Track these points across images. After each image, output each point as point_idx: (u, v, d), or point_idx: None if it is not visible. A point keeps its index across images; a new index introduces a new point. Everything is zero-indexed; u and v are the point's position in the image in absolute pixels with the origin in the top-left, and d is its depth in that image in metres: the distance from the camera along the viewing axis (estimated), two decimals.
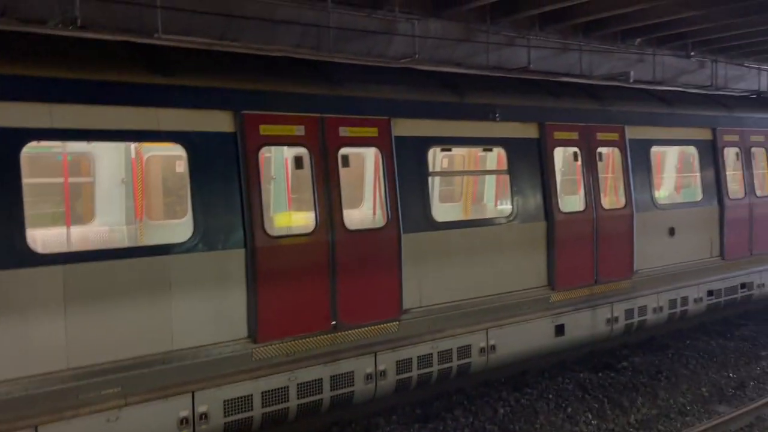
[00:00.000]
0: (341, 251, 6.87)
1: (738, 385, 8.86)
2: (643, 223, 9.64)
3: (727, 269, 11.01)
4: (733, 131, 11.15)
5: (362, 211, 8.76)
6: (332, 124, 6.92)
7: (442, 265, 7.61)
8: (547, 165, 8.64)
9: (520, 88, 9.05)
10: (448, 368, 7.71)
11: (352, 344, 6.97)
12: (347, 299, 6.92)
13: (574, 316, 8.93)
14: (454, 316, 7.70)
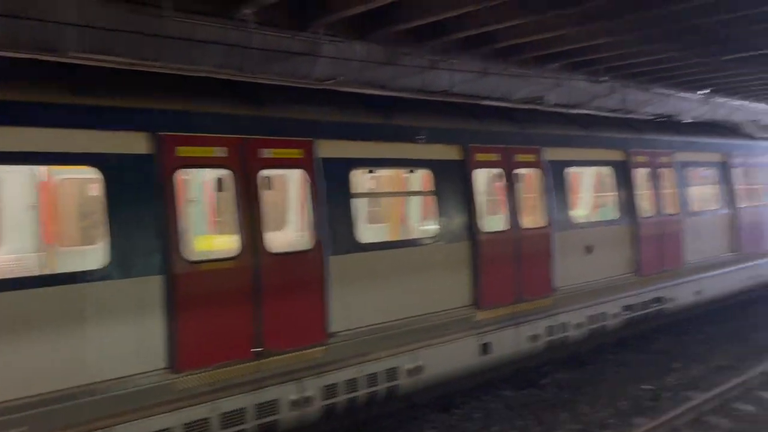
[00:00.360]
0: (265, 275, 6.72)
1: (653, 397, 9.18)
2: (562, 242, 9.87)
3: (641, 285, 11.37)
4: (644, 153, 11.62)
5: (287, 233, 8.63)
6: (255, 146, 6.80)
7: (368, 286, 7.57)
8: (471, 186, 8.73)
9: (444, 110, 9.16)
10: (375, 392, 7.63)
11: (276, 371, 6.80)
12: (272, 324, 6.76)
13: (498, 335, 9.00)
14: (381, 338, 7.65)
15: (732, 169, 13.64)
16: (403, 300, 7.89)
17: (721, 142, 13.70)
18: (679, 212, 12.11)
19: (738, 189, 13.68)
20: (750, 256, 13.99)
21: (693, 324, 12.98)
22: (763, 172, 14.65)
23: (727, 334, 12.35)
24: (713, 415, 8.43)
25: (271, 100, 7.26)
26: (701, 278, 12.70)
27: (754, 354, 11.16)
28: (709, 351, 11.31)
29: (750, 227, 13.93)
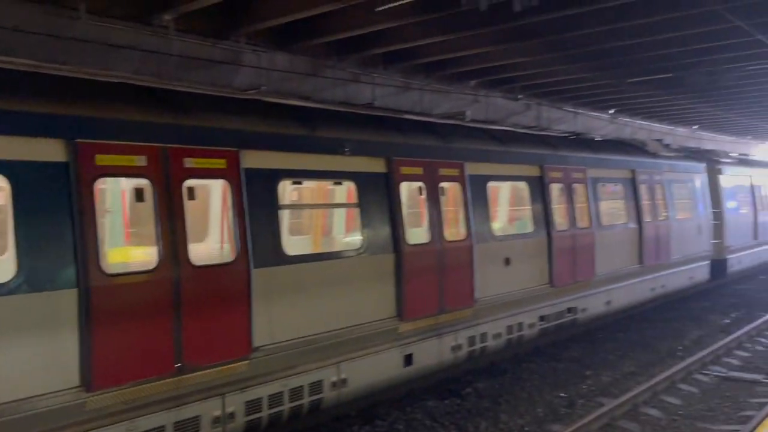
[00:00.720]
0: (187, 288, 6.52)
1: (568, 404, 9.51)
2: (483, 254, 10.04)
3: (555, 295, 11.73)
4: (558, 168, 12.05)
5: (210, 245, 8.41)
6: (177, 155, 6.61)
7: (293, 299, 7.48)
8: (395, 199, 8.78)
9: (369, 123, 9.19)
10: (299, 405, 7.53)
11: (198, 387, 6.59)
12: (193, 339, 6.56)
13: (421, 346, 9.07)
14: (305, 351, 7.57)
15: (638, 185, 14.35)
16: (328, 312, 7.83)
17: (628, 159, 14.40)
18: (591, 226, 12.62)
19: (643, 204, 14.41)
20: (653, 269, 14.78)
21: (604, 332, 13.57)
22: (665, 188, 15.51)
23: (635, 342, 12.97)
24: (624, 419, 8.81)
25: (195, 109, 7.08)
26: (611, 289, 13.31)
27: (659, 360, 11.79)
28: (618, 358, 11.84)
29: (652, 241, 14.70)
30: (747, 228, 20.53)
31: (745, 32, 12.80)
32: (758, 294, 18.54)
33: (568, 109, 23.07)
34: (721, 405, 9.53)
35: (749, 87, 20.46)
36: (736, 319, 15.34)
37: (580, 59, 16.44)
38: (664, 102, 23.53)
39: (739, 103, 24.63)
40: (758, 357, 12.04)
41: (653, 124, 29.44)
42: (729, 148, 35.73)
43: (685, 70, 17.13)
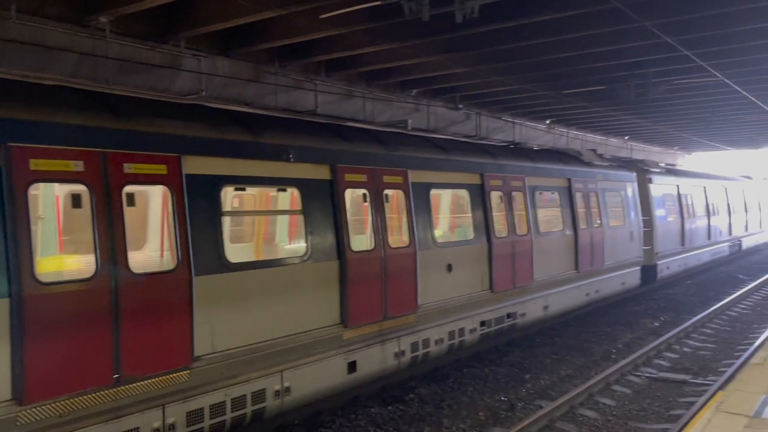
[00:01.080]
0: (126, 297, 6.36)
1: (509, 407, 9.71)
2: (425, 261, 10.13)
3: (496, 301, 11.90)
4: (498, 176, 12.30)
5: (150, 253, 8.21)
6: (116, 160, 6.45)
7: (236, 307, 7.38)
8: (339, 205, 8.79)
9: (313, 130, 9.15)
10: (242, 415, 7.44)
11: (137, 398, 6.43)
12: (132, 349, 6.39)
13: (365, 352, 9.07)
14: (248, 360, 7.48)
15: (574, 194, 14.80)
16: (271, 320, 7.76)
17: (564, 168, 14.82)
18: (529, 233, 12.93)
19: (578, 212, 14.87)
20: (587, 274, 15.24)
21: (542, 337, 13.92)
22: (598, 196, 16.02)
23: (571, 345, 13.36)
24: (562, 421, 9.07)
25: (136, 113, 6.92)
26: (548, 294, 13.65)
27: (594, 363, 12.18)
28: (556, 362, 12.17)
29: (587, 247, 15.17)
30: (675, 235, 21.39)
31: (672, 48, 13.42)
32: (685, 298, 19.38)
33: (506, 119, 23.61)
34: (653, 405, 9.93)
35: (676, 100, 21.42)
36: (665, 322, 16.00)
37: (518, 71, 16.88)
38: (597, 113, 24.37)
39: (667, 115, 25.76)
40: (686, 358, 12.59)
41: (587, 134, 30.45)
42: (658, 158, 37.32)
43: (617, 82, 17.80)
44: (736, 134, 32.24)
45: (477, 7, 9.62)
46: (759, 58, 15.39)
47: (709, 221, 24.68)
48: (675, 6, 11.72)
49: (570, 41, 14.04)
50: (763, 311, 17.32)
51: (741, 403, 6.96)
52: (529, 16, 11.86)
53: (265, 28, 12.97)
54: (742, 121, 26.95)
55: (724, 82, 17.22)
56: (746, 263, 28.34)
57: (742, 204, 29.68)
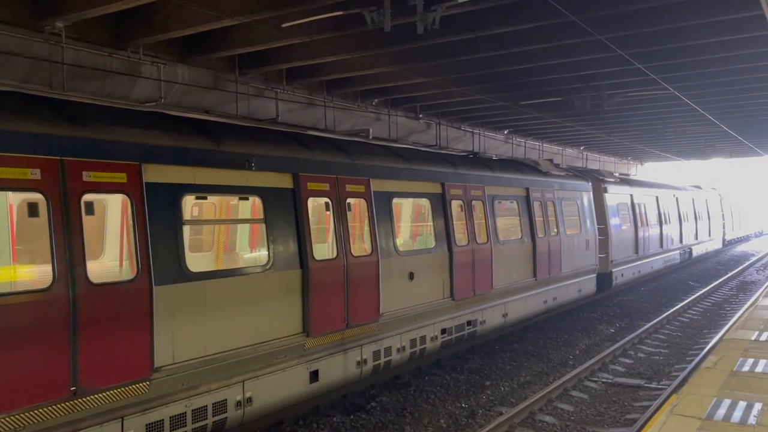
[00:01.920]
0: (84, 307, 6.23)
1: (470, 414, 9.81)
2: (387, 269, 10.15)
3: (456, 309, 11.97)
4: (458, 186, 12.29)
5: (109, 262, 8.05)
6: (75, 168, 6.33)
7: (197, 317, 7.30)
8: (302, 214, 8.75)
9: (275, 138, 9.11)
10: (203, 426, 7.34)
11: (95, 411, 6.29)
12: (90, 360, 6.26)
13: (327, 361, 9.04)
14: (209, 370, 7.40)
15: (532, 203, 15.04)
16: (232, 330, 7.68)
17: (523, 177, 15.06)
18: (489, 241, 13.10)
19: (536, 221, 15.10)
20: (545, 282, 15.50)
21: (501, 344, 14.10)
22: (556, 205, 16.30)
23: (530, 352, 13.56)
24: (521, 427, 9.20)
25: (95, 120, 6.81)
26: (507, 302, 13.83)
27: (552, 369, 12.39)
28: (515, 368, 12.34)
29: (545, 256, 15.42)
30: (629, 243, 21.90)
31: (626, 61, 13.82)
32: (639, 305, 19.88)
33: (466, 129, 23.89)
34: (609, 409, 10.15)
35: (630, 112, 22.04)
36: (621, 328, 16.38)
37: (476, 81, 17.14)
38: (554, 124, 24.88)
39: (621, 126, 26.46)
40: (640, 363, 12.91)
41: (544, 144, 31.04)
42: (612, 168, 38.26)
43: (572, 94, 18.23)
44: (686, 145, 33.28)
45: (438, 19, 9.78)
46: (708, 72, 15.98)
47: (662, 230, 25.34)
48: (628, 21, 12.09)
49: (527, 53, 14.34)
50: (712, 317, 17.89)
51: (693, 406, 7.19)
52: (487, 28, 12.08)
53: (226, 35, 12.90)
54: (691, 132, 27.85)
55: (675, 95, 17.79)
56: (696, 270, 29.21)
57: (692, 213, 30.59)
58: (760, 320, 12.12)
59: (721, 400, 7.37)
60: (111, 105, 8.46)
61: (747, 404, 7.20)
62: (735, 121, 24.22)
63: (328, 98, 17.16)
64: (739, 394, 7.57)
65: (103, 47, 11.99)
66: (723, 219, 37.83)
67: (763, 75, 16.22)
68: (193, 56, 13.49)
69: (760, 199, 55.07)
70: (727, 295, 21.95)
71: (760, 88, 18.07)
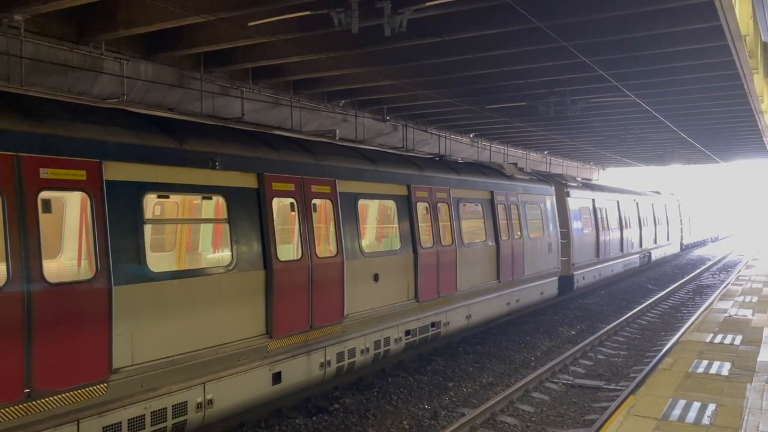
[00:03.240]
0: (40, 307, 6.08)
1: (432, 415, 9.85)
2: (352, 270, 10.11)
3: (420, 310, 11.95)
4: (424, 188, 12.31)
5: (66, 261, 7.87)
6: (31, 164, 6.17)
7: (157, 318, 7.18)
8: (266, 215, 8.64)
9: (240, 138, 8.97)
10: (162, 429, 7.22)
11: (50, 413, 6.14)
12: (46, 362, 6.11)
13: (290, 363, 8.95)
14: (169, 372, 7.28)
15: (496, 206, 15.18)
16: (194, 331, 7.57)
17: (487, 181, 15.18)
18: (454, 244, 13.17)
19: (500, 224, 15.26)
20: (508, 284, 15.64)
21: (464, 346, 14.20)
22: (519, 209, 16.49)
23: (492, 354, 13.69)
24: (483, 428, 9.28)
25: (53, 116, 6.65)
26: (471, 303, 13.91)
27: (514, 371, 12.53)
28: (478, 370, 12.43)
29: (508, 258, 15.58)
30: (591, 246, 22.26)
31: (589, 68, 14.08)
32: (600, 307, 20.23)
33: (432, 132, 24.03)
34: (569, 410, 10.31)
35: (592, 117, 22.45)
36: (581, 330, 16.65)
37: (443, 85, 17.26)
38: (518, 128, 25.19)
39: (584, 131, 26.92)
40: (600, 365, 13.15)
41: (509, 148, 31.39)
42: (575, 172, 38.89)
43: (537, 99, 18.48)
44: (646, 151, 34.01)
45: (405, 22, 9.82)
46: (667, 81, 16.37)
47: (622, 234, 25.82)
48: (592, 29, 12.32)
49: (493, 58, 14.49)
50: (670, 320, 18.31)
51: (650, 407, 7.34)
52: (454, 32, 12.17)
53: (191, 33, 12.74)
54: (652, 139, 28.49)
55: (636, 102, 18.18)
56: (654, 274, 29.86)
57: (652, 218, 31.28)
58: (714, 323, 12.45)
59: (677, 401, 7.54)
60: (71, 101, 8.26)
61: (701, 405, 7.38)
62: (693, 129, 24.85)
63: (295, 98, 17.08)
64: (694, 395, 7.75)
65: (64, 42, 11.74)
66: (681, 224, 38.75)
67: (719, 84, 16.69)
68: (157, 53, 13.29)
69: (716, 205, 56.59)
70: (684, 298, 22.49)
71: (717, 97, 18.59)
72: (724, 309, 14.02)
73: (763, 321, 12.51)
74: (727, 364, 9.21)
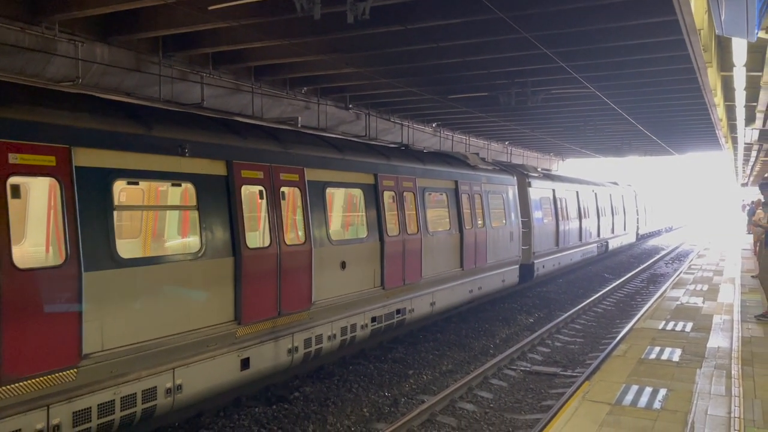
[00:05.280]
0: (9, 293, 5.97)
1: (392, 403, 9.92)
2: (320, 258, 10.21)
3: (386, 297, 12.13)
4: (390, 177, 12.49)
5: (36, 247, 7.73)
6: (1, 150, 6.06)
7: (127, 304, 7.12)
8: (235, 202, 8.67)
9: (208, 125, 8.98)
10: (131, 414, 7.16)
11: (18, 399, 6.03)
12: (14, 348, 6.00)
13: (258, 349, 9.02)
14: (139, 357, 7.21)
15: (460, 195, 15.35)
16: (163, 317, 7.53)
17: (452, 171, 15.35)
18: (419, 232, 13.27)
19: (464, 213, 15.42)
20: (471, 272, 15.85)
21: (425, 334, 14.31)
22: (482, 198, 16.70)
23: (452, 342, 13.83)
24: (443, 414, 9.38)
25: (19, 101, 6.50)
26: (435, 291, 14.07)
27: (473, 358, 12.69)
28: (438, 358, 12.55)
29: (472, 247, 15.78)
30: (551, 236, 22.70)
31: (549, 59, 14.21)
32: (557, 296, 20.60)
33: (395, 121, 24.00)
34: (526, 397, 10.50)
35: (553, 109, 22.71)
36: (539, 318, 16.94)
37: (405, 74, 17.23)
38: (480, 118, 25.34)
39: (544, 122, 27.24)
40: (556, 352, 13.40)
41: (471, 138, 31.58)
42: (535, 163, 39.37)
43: (498, 90, 18.60)
44: (604, 143, 34.61)
45: (368, 9, 9.74)
46: (625, 74, 16.66)
47: (581, 224, 26.35)
48: (553, 20, 12.44)
49: (455, 48, 14.52)
50: (625, 307, 18.77)
51: (604, 392, 7.52)
52: (416, 21, 12.14)
53: (149, 15, 12.43)
54: (610, 130, 28.99)
55: (595, 94, 18.45)
56: (611, 263, 30.52)
57: (610, 208, 31.94)
58: (667, 310, 12.80)
59: (630, 386, 7.74)
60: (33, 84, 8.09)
61: (653, 390, 7.60)
62: (649, 121, 25.37)
63: (256, 85, 16.85)
64: (646, 381, 7.97)
65: (15, 21, 11.33)
66: (637, 214, 39.65)
67: (675, 78, 17.05)
68: (113, 36, 12.94)
69: (670, 197, 58.02)
70: (639, 287, 23.05)
71: (673, 90, 19.00)
72: (677, 297, 14.42)
73: (713, 308, 12.92)
74: (678, 350, 9.48)
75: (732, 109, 14.26)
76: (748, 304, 13.36)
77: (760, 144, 19.73)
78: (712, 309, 12.85)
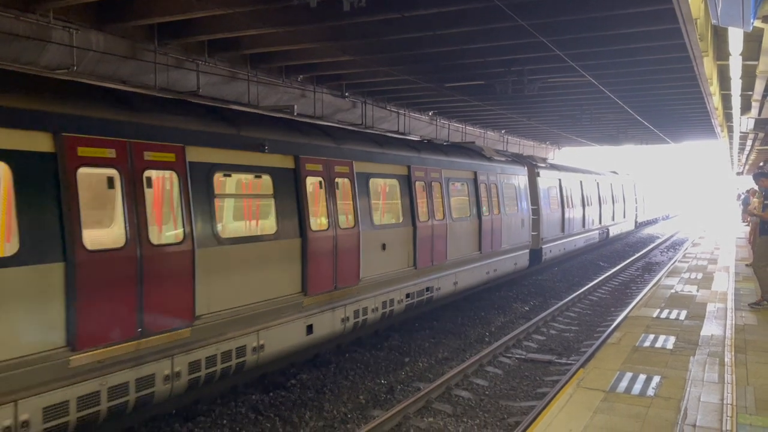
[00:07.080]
0: (148, 267, 7.17)
1: (388, 390, 9.98)
2: (366, 240, 11.47)
3: (418, 276, 13.36)
4: (421, 168, 13.72)
5: (162, 229, 8.54)
6: None
7: (225, 275, 8.45)
8: (301, 191, 9.86)
9: (281, 125, 10.23)
10: (228, 367, 8.48)
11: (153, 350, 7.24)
12: (151, 309, 7.23)
13: (320, 317, 10.31)
14: (234, 320, 8.54)
15: (479, 184, 16.41)
16: (251, 287, 8.84)
17: (471, 162, 16.42)
18: (445, 218, 14.43)
19: (482, 201, 16.48)
20: (488, 255, 16.88)
21: (420, 321, 14.38)
22: (498, 187, 17.66)
23: (448, 330, 13.89)
24: (438, 401, 9.45)
25: (146, 109, 7.48)
26: (458, 272, 15.23)
27: (469, 346, 12.76)
28: (434, 345, 12.62)
29: (489, 232, 16.82)
30: (557, 223, 23.60)
31: (546, 47, 14.19)
32: (553, 284, 20.69)
33: (392, 109, 23.95)
34: (522, 384, 10.57)
35: (549, 97, 22.69)
36: (535, 306, 17.02)
37: (402, 62, 17.19)
38: (477, 107, 25.31)
39: (540, 111, 27.22)
40: (551, 340, 13.48)
41: (468, 126, 31.54)
42: (531, 151, 39.35)
43: (495, 78, 18.57)
44: (601, 131, 34.61)
45: None
46: (621, 62, 16.63)
47: (584, 211, 27.20)
48: (549, 8, 12.41)
49: (451, 36, 14.48)
50: (619, 296, 18.85)
51: (598, 380, 7.58)
52: (413, 9, 12.11)
53: (144, 2, 12.38)
54: (606, 119, 29.00)
55: (592, 83, 18.43)
56: (607, 252, 30.63)
57: (611, 197, 32.52)
58: (661, 298, 12.86)
59: (624, 374, 7.80)
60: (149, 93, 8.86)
61: (647, 377, 7.65)
62: (646, 110, 25.38)
63: (252, 73, 16.80)
64: (640, 368, 8.03)
65: (9, 9, 11.26)
66: (636, 203, 40.06)
67: (671, 66, 17.05)
68: (108, 23, 12.88)
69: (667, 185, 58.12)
70: (634, 275, 23.15)
71: (669, 79, 19.00)
72: (671, 285, 14.48)
73: (707, 297, 12.99)
74: (672, 338, 9.55)
75: (728, 98, 14.26)
76: (742, 292, 13.43)
77: (755, 133, 19.78)
78: (706, 297, 12.91)
